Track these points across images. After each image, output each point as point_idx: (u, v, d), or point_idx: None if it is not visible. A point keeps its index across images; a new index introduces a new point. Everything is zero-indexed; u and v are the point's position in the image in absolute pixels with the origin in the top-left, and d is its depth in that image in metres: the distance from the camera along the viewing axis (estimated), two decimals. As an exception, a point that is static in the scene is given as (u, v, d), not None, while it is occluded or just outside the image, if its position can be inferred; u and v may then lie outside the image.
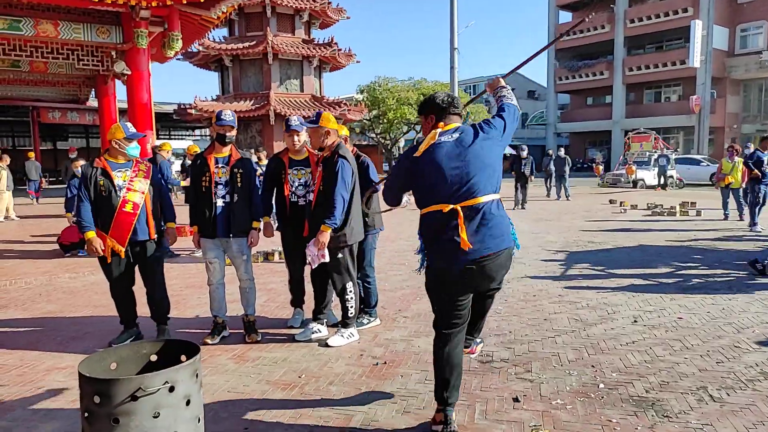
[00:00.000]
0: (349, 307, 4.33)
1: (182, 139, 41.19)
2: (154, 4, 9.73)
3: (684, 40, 35.25)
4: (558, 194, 17.88)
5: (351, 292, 4.31)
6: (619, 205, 14.86)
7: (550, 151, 19.95)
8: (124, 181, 4.20)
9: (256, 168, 5.00)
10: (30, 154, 19.21)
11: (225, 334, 4.54)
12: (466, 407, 3.12)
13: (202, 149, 4.71)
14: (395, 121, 34.12)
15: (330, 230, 4.04)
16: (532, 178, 15.46)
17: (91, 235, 4.13)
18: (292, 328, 4.75)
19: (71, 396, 3.40)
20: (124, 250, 4.19)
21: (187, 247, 8.77)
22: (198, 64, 25.63)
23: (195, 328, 4.80)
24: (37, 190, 18.50)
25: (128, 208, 4.16)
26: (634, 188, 22.78)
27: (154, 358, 2.60)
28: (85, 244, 4.23)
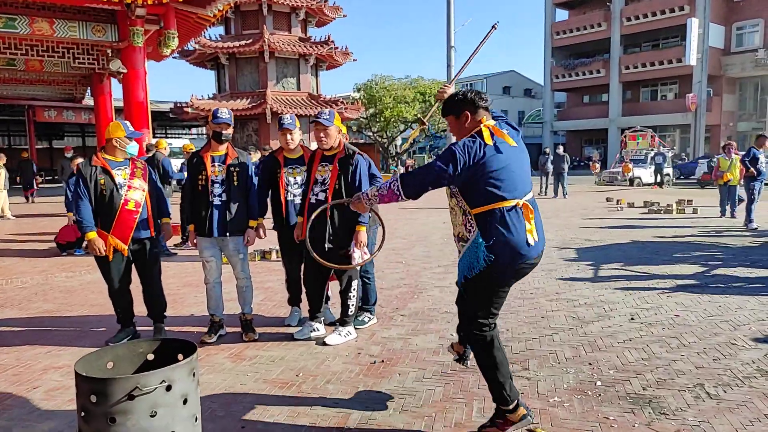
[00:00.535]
0: (350, 305, 4.34)
1: (178, 137, 41.10)
2: (150, 2, 9.68)
3: (680, 38, 35.34)
4: (555, 192, 17.91)
5: (354, 290, 4.33)
6: (616, 203, 14.89)
7: (547, 150, 19.96)
8: (125, 180, 4.20)
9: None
10: (24, 154, 19.17)
11: (222, 332, 4.53)
12: (464, 405, 3.12)
13: (198, 148, 4.70)
14: (392, 120, 34.13)
15: (365, 228, 4.12)
16: None
17: (93, 235, 4.12)
18: (289, 326, 4.74)
19: (68, 395, 3.39)
20: (126, 248, 4.20)
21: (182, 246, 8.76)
22: (194, 63, 25.56)
23: (192, 326, 4.79)
24: (28, 188, 18.54)
25: (131, 206, 4.17)
26: (630, 186, 22.83)
27: (151, 357, 2.59)
28: (84, 244, 4.23)
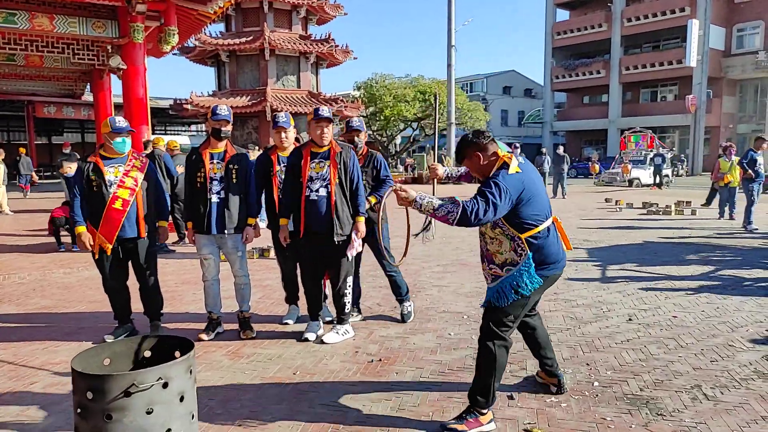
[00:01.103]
0: (345, 302, 4.34)
1: (178, 134, 41.07)
2: (151, -1, 9.69)
3: (681, 40, 35.34)
4: (554, 192, 17.91)
5: (350, 286, 4.34)
6: (615, 204, 14.90)
7: (544, 150, 19.95)
8: (116, 177, 4.16)
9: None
10: (21, 150, 19.17)
11: (220, 330, 4.53)
12: (461, 405, 3.12)
13: (195, 144, 4.67)
14: (392, 118, 34.07)
15: (363, 219, 4.30)
16: None
17: (81, 229, 4.14)
18: (287, 324, 4.74)
19: (65, 392, 3.39)
20: (111, 247, 4.15)
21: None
22: (194, 60, 25.50)
23: (190, 324, 4.79)
24: (27, 183, 18.63)
25: (117, 205, 4.11)
26: (629, 187, 22.84)
27: (148, 354, 2.59)
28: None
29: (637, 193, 19.43)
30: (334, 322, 4.43)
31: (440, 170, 3.47)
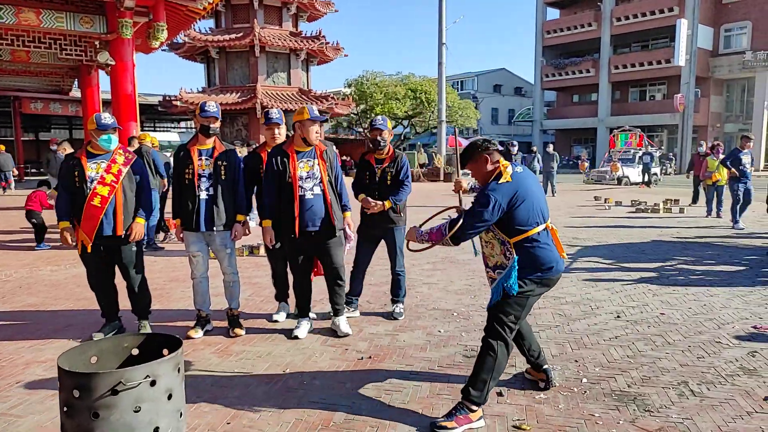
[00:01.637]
0: (343, 294, 4.47)
1: (167, 131, 40.80)
2: (139, -6, 9.62)
3: (669, 39, 35.61)
4: (544, 190, 17.98)
5: (343, 274, 4.41)
6: (604, 202, 14.99)
7: (534, 148, 20.01)
8: (98, 173, 4.11)
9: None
10: (1, 147, 18.93)
11: (209, 327, 4.50)
12: (450, 402, 3.13)
13: (184, 141, 4.64)
14: (372, 118, 34.06)
15: (350, 213, 4.43)
16: None
17: (62, 225, 4.13)
18: (276, 322, 4.73)
19: (51, 390, 3.36)
20: (91, 244, 4.11)
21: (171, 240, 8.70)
22: (184, 56, 25.33)
23: (178, 321, 4.76)
24: (3, 180, 18.46)
25: (96, 202, 4.06)
26: (618, 185, 23.00)
27: (136, 351, 2.57)
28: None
29: (625, 192, 19.57)
30: (338, 313, 4.43)
31: (465, 183, 3.52)
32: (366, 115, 34.75)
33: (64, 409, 2.16)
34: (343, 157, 31.11)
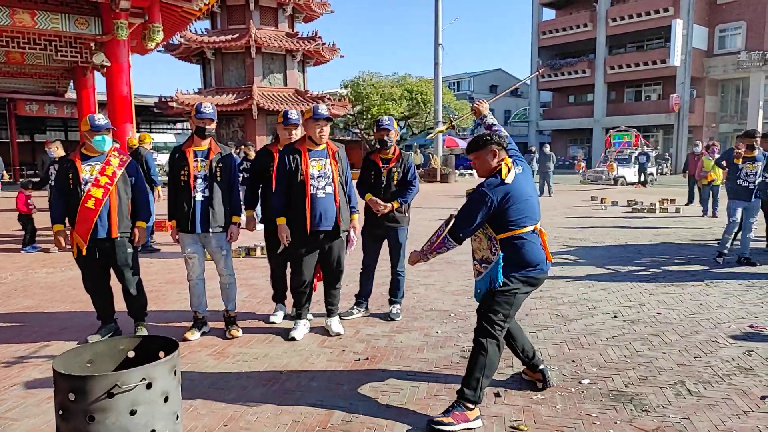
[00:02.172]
0: (339, 295, 4.50)
1: (163, 132, 40.70)
2: (134, -5, 9.57)
3: (664, 40, 35.73)
4: (541, 191, 18.01)
5: (342, 277, 4.47)
6: (600, 202, 15.02)
7: (532, 148, 20.06)
8: (92, 175, 4.09)
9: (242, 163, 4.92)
10: None
11: (205, 329, 4.49)
12: (447, 402, 3.12)
13: (180, 143, 4.62)
14: (379, 117, 34.05)
15: (357, 216, 4.47)
16: None
17: (56, 228, 4.11)
18: (273, 323, 4.72)
19: (46, 393, 3.34)
20: (85, 246, 4.09)
21: (168, 242, 8.67)
22: (180, 57, 25.28)
23: (175, 323, 4.74)
24: None
25: (90, 204, 4.04)
26: (614, 185, 23.05)
27: (132, 354, 2.56)
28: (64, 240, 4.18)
29: (622, 192, 19.61)
30: (331, 315, 4.47)
31: (484, 106, 3.64)
32: (362, 116, 34.72)
33: (60, 413, 2.15)
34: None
